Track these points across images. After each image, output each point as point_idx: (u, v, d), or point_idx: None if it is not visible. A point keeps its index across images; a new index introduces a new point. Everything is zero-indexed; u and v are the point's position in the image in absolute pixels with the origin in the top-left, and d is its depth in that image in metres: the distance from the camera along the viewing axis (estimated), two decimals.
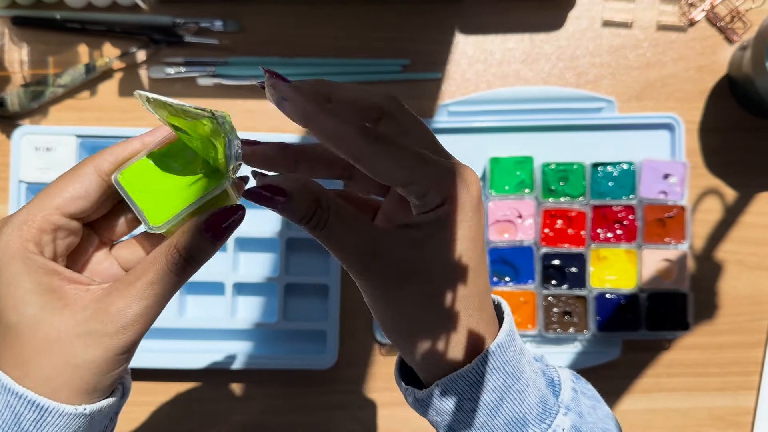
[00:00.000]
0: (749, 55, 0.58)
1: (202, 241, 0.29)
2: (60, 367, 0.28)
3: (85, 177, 0.29)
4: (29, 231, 0.28)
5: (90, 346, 0.28)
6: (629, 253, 0.61)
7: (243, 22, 0.63)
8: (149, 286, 0.28)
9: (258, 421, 0.63)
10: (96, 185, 0.30)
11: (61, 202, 0.29)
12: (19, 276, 0.28)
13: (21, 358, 0.28)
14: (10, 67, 0.63)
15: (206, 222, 0.29)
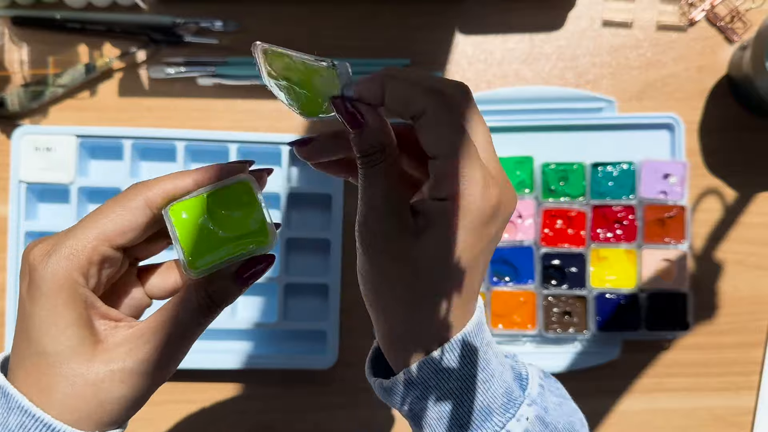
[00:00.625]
0: (749, 55, 0.58)
1: (232, 287, 0.30)
2: (88, 400, 0.28)
3: (136, 209, 0.30)
4: (78, 262, 0.29)
5: (124, 383, 0.29)
6: (629, 253, 0.61)
7: (243, 22, 0.63)
8: (176, 331, 0.30)
9: (258, 420, 0.63)
10: (145, 218, 0.30)
11: (111, 233, 0.29)
12: (63, 307, 0.28)
13: (49, 385, 0.28)
14: (10, 67, 0.63)
15: (239, 272, 0.30)
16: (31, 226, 0.60)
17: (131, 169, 0.61)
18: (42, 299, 0.28)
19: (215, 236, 0.30)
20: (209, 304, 0.30)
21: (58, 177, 0.61)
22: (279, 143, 0.61)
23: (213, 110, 0.63)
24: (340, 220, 0.61)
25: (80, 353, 0.28)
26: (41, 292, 0.28)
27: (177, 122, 0.63)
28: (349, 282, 0.62)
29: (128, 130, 0.60)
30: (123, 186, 0.60)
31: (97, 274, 0.29)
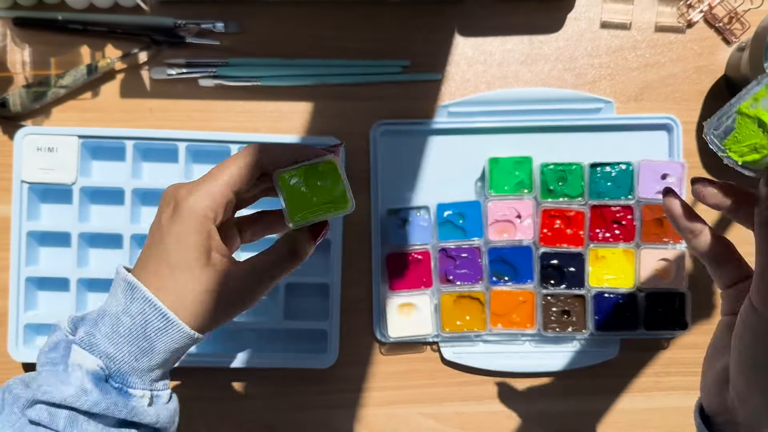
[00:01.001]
0: (747, 55, 0.59)
1: (308, 242, 0.41)
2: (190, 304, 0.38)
3: (252, 166, 0.39)
4: (212, 201, 0.38)
5: (214, 304, 0.38)
6: (627, 253, 0.62)
7: (244, 23, 0.63)
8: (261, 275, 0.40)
9: (258, 420, 0.63)
10: (257, 173, 0.39)
11: (235, 182, 0.38)
12: (194, 232, 0.37)
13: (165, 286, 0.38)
14: (12, 68, 0.63)
15: (312, 232, 0.41)
16: (33, 226, 0.61)
17: (133, 170, 0.61)
18: (180, 222, 0.37)
19: (309, 200, 0.40)
20: (289, 257, 0.40)
21: (60, 177, 0.61)
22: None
23: (214, 111, 0.63)
24: (340, 220, 0.62)
25: (194, 269, 0.37)
26: (181, 217, 0.37)
27: (178, 123, 0.63)
28: (350, 282, 0.62)
29: (130, 131, 0.61)
30: (125, 187, 0.61)
31: (223, 213, 0.39)
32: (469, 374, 0.64)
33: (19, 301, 0.60)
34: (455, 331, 0.62)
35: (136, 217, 0.62)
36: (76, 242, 0.61)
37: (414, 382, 0.64)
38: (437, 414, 0.64)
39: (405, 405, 0.64)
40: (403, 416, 0.64)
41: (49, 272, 0.61)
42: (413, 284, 0.62)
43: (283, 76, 0.63)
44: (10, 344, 0.60)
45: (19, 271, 0.60)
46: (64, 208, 0.62)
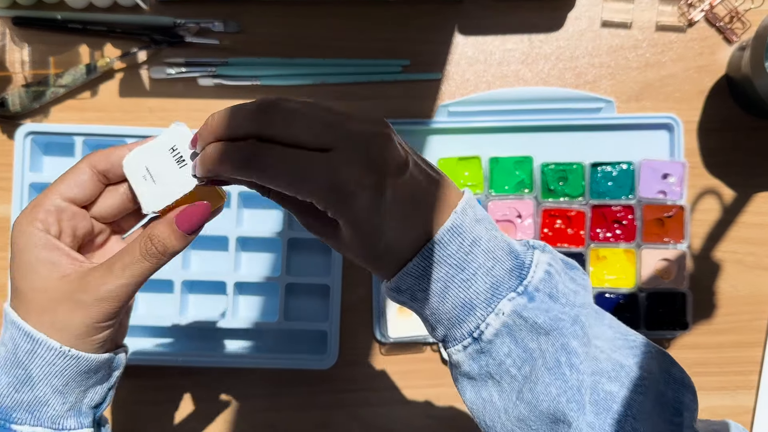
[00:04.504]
0: (748, 55, 0.58)
1: (173, 233, 0.35)
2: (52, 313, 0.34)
3: (80, 171, 0.36)
4: (36, 213, 0.35)
5: (72, 311, 0.34)
6: (628, 253, 0.62)
7: (243, 23, 0.63)
8: (124, 268, 0.34)
9: (258, 420, 0.63)
10: (88, 176, 0.36)
11: (62, 189, 0.35)
12: (27, 250, 0.34)
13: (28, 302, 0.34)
14: (12, 68, 0.63)
15: (177, 216, 0.35)
16: None
17: None
18: (14, 250, 0.35)
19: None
20: (150, 248, 0.34)
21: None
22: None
23: (213, 110, 0.63)
24: None
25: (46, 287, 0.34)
26: (14, 245, 0.35)
27: None
28: (350, 283, 0.62)
29: (131, 129, 0.61)
30: None
31: (56, 222, 0.35)
32: None
33: None
34: None
35: None
36: None
37: (414, 383, 0.63)
38: (437, 415, 0.63)
39: (405, 406, 0.63)
40: (403, 417, 0.63)
41: None
42: None
43: (283, 76, 0.63)
44: None
45: None
46: None
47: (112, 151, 0.36)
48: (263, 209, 0.63)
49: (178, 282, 0.60)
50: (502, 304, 0.32)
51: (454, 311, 0.33)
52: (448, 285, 0.33)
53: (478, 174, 0.61)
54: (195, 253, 0.63)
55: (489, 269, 0.33)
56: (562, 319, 0.32)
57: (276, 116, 0.31)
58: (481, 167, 0.61)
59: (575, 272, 0.35)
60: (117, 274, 0.34)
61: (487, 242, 0.33)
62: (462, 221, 0.33)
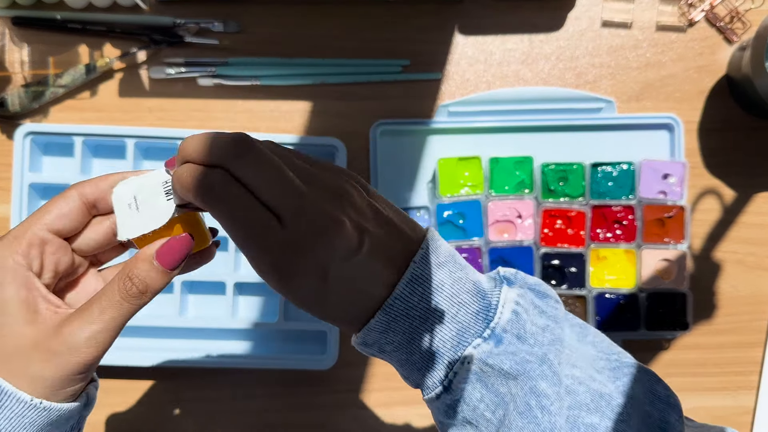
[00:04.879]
0: (748, 55, 0.58)
1: (153, 270, 0.32)
2: (22, 362, 0.31)
3: (69, 199, 0.34)
4: (19, 245, 0.32)
5: (45, 362, 0.31)
6: (629, 253, 0.61)
7: (243, 23, 0.63)
8: (102, 312, 0.32)
9: (258, 420, 0.63)
10: (77, 206, 0.34)
11: (48, 219, 0.33)
12: (4, 285, 0.32)
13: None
14: (11, 68, 0.63)
15: (159, 251, 0.32)
16: None
17: (134, 168, 0.61)
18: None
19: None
20: (129, 288, 0.32)
21: (60, 176, 0.61)
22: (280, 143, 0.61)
23: (213, 111, 0.63)
24: None
25: (15, 329, 0.31)
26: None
27: (177, 122, 0.63)
28: None
29: (131, 129, 0.60)
30: None
31: (39, 256, 0.33)
32: None
33: None
34: None
35: None
36: None
37: None
38: None
39: (405, 406, 0.63)
40: (402, 417, 0.63)
41: None
42: None
43: (283, 76, 0.63)
44: None
45: None
46: None
47: (103, 180, 0.35)
48: None
49: (177, 282, 0.60)
50: (468, 352, 0.32)
51: (422, 362, 0.33)
52: (413, 336, 0.32)
53: (478, 174, 0.61)
54: None
55: (453, 315, 0.32)
56: (529, 361, 0.32)
57: (247, 158, 0.30)
58: (481, 167, 0.61)
59: (546, 302, 0.34)
60: (95, 320, 0.31)
61: (451, 287, 0.32)
62: (422, 271, 0.32)
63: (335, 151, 0.61)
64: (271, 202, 0.30)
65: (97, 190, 0.34)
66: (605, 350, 0.34)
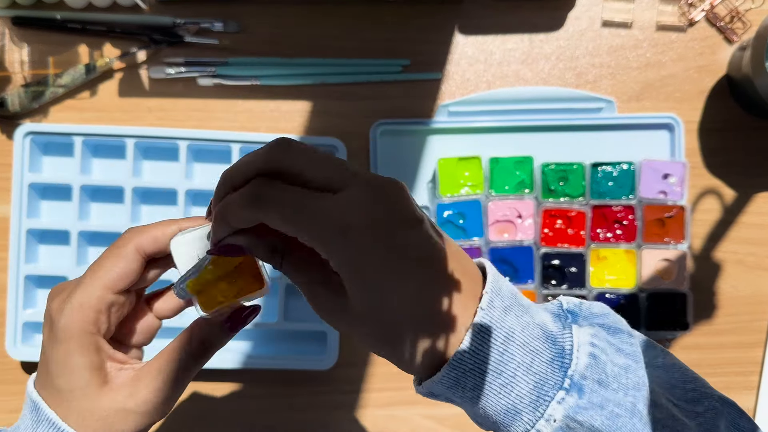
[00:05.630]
0: (749, 55, 0.58)
1: (222, 333, 0.35)
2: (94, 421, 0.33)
3: (129, 256, 0.34)
4: (88, 314, 0.33)
5: (124, 421, 0.33)
6: (629, 253, 0.61)
7: (243, 23, 0.63)
8: (175, 378, 0.34)
9: (258, 421, 0.63)
10: (138, 263, 0.34)
11: (111, 282, 0.34)
12: (76, 354, 0.33)
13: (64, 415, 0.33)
14: (11, 68, 0.63)
15: (229, 320, 0.35)
16: (33, 224, 0.61)
17: (134, 169, 0.61)
18: (58, 346, 0.33)
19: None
20: (201, 351, 0.35)
21: (60, 176, 0.61)
22: None
23: (213, 111, 0.63)
24: None
25: (89, 393, 0.33)
26: (57, 340, 0.33)
27: (177, 122, 0.63)
28: None
29: (131, 129, 0.60)
30: (125, 186, 0.61)
31: (106, 320, 0.34)
32: None
33: (17, 299, 0.60)
34: None
35: (136, 215, 0.62)
36: (75, 240, 0.60)
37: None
38: (437, 415, 0.63)
39: (405, 406, 0.63)
40: (402, 417, 0.63)
41: (49, 270, 0.61)
42: None
43: (283, 76, 0.63)
44: (8, 343, 0.60)
45: (18, 269, 0.60)
46: (64, 206, 0.62)
47: (159, 231, 0.34)
48: None
49: None
50: (552, 409, 0.29)
51: (497, 416, 0.30)
52: (486, 393, 0.29)
53: (478, 174, 0.61)
54: None
55: (528, 366, 0.29)
56: (619, 415, 0.29)
57: (287, 150, 0.30)
58: (482, 167, 0.61)
59: (620, 337, 0.31)
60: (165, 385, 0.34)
61: (521, 333, 0.29)
62: (491, 317, 0.29)
63: (335, 151, 0.61)
64: (323, 180, 0.29)
65: (155, 245, 0.34)
66: (679, 376, 0.32)
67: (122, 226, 0.61)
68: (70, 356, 0.33)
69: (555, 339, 0.30)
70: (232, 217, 0.30)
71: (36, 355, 0.61)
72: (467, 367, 0.29)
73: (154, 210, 0.63)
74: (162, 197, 0.62)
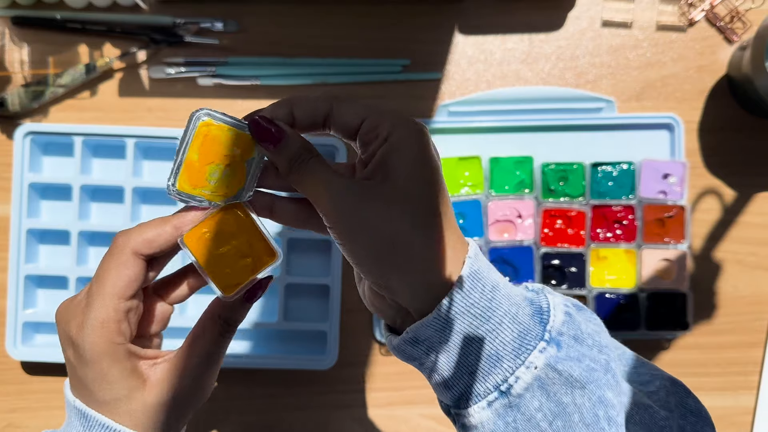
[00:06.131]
0: (749, 55, 0.58)
1: (242, 308, 0.36)
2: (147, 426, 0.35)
3: (129, 262, 0.34)
4: (111, 328, 0.34)
5: (171, 411, 0.35)
6: (629, 253, 0.61)
7: (243, 23, 0.63)
8: (205, 360, 0.35)
9: (258, 421, 0.63)
10: (141, 267, 0.34)
11: (121, 291, 0.34)
12: (109, 368, 0.33)
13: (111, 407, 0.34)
14: (11, 67, 0.63)
15: (247, 294, 0.35)
16: (33, 223, 0.61)
17: (134, 168, 0.61)
18: (91, 366, 0.33)
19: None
20: (226, 329, 0.36)
21: (60, 176, 0.61)
22: None
23: None
24: None
25: (133, 397, 0.34)
26: (88, 361, 0.33)
27: (177, 122, 0.63)
28: (350, 283, 0.62)
29: (131, 129, 0.60)
30: (125, 186, 0.61)
31: (128, 327, 0.34)
32: None
33: (18, 299, 0.60)
34: None
35: (136, 215, 0.62)
36: (75, 240, 0.60)
37: (414, 383, 0.63)
38: (437, 415, 0.63)
39: (405, 406, 0.63)
40: (402, 417, 0.63)
41: (49, 270, 0.61)
42: None
43: (283, 76, 0.63)
44: (8, 343, 0.60)
45: (18, 269, 0.60)
46: (64, 206, 0.62)
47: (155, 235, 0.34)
48: None
49: None
50: (534, 357, 0.30)
51: (477, 364, 0.31)
52: (472, 337, 0.31)
53: (478, 174, 0.61)
54: None
55: (514, 316, 0.31)
56: (595, 369, 0.31)
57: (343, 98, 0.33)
58: (482, 167, 0.61)
59: (586, 313, 0.34)
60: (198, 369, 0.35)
61: (505, 287, 0.32)
62: (479, 266, 0.31)
63: (335, 151, 0.61)
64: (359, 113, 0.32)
65: (151, 247, 0.34)
66: (631, 363, 0.34)
67: (122, 226, 0.61)
68: (106, 372, 0.33)
69: (532, 300, 0.32)
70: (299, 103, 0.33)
71: (36, 355, 0.61)
72: (458, 309, 0.30)
73: (154, 210, 0.63)
74: (162, 197, 0.62)
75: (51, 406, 0.63)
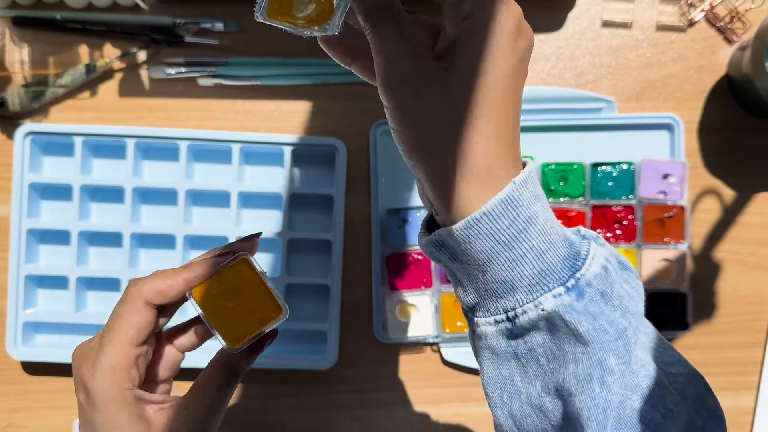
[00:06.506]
0: (749, 55, 0.58)
1: (248, 359, 0.39)
2: None
3: (141, 310, 0.36)
4: (120, 374, 0.35)
5: None
6: (629, 253, 0.61)
7: (243, 23, 0.63)
8: (210, 406, 0.37)
9: (258, 420, 0.63)
10: (151, 315, 0.36)
11: (132, 338, 0.36)
12: (117, 412, 0.35)
13: None
14: (11, 68, 0.63)
15: (253, 347, 0.38)
16: (33, 223, 0.61)
17: (134, 169, 0.61)
18: (101, 410, 0.35)
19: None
20: (231, 379, 0.38)
21: (60, 176, 0.61)
22: (280, 143, 0.61)
23: (213, 111, 0.63)
24: (341, 220, 0.61)
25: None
26: (97, 405, 0.35)
27: (177, 122, 0.63)
28: (350, 282, 0.62)
29: (131, 129, 0.60)
30: (125, 186, 0.61)
31: (137, 372, 0.36)
32: (469, 375, 0.63)
33: (18, 299, 0.60)
34: (455, 332, 0.61)
35: (136, 215, 0.62)
36: (75, 240, 0.60)
37: (414, 383, 0.63)
38: (437, 414, 0.63)
39: (405, 406, 0.63)
40: (403, 417, 0.63)
41: (49, 270, 0.61)
42: (413, 284, 0.61)
43: (283, 76, 0.63)
44: (8, 343, 0.60)
45: (18, 269, 0.60)
46: (65, 206, 0.62)
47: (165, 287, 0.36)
48: (262, 209, 0.63)
49: None
50: (544, 299, 0.30)
51: (492, 284, 0.31)
52: (491, 259, 0.30)
53: None
54: (195, 253, 0.63)
55: (541, 253, 0.30)
56: (606, 332, 0.30)
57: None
58: None
59: (629, 274, 0.32)
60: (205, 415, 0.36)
61: (544, 223, 0.30)
62: (520, 194, 0.30)
63: (335, 151, 0.61)
64: None
65: (161, 298, 0.36)
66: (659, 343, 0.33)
67: (122, 227, 0.61)
68: (114, 417, 0.35)
69: (572, 243, 0.31)
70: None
71: (36, 355, 0.61)
72: (482, 230, 0.30)
73: (154, 210, 0.63)
74: (162, 197, 0.62)
75: (51, 407, 0.63)
